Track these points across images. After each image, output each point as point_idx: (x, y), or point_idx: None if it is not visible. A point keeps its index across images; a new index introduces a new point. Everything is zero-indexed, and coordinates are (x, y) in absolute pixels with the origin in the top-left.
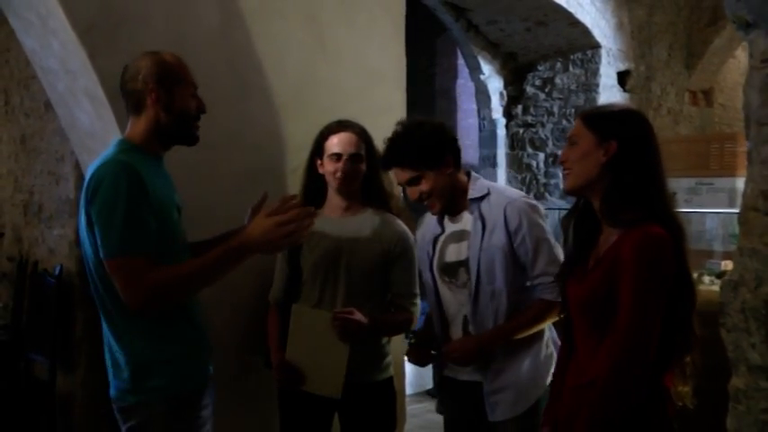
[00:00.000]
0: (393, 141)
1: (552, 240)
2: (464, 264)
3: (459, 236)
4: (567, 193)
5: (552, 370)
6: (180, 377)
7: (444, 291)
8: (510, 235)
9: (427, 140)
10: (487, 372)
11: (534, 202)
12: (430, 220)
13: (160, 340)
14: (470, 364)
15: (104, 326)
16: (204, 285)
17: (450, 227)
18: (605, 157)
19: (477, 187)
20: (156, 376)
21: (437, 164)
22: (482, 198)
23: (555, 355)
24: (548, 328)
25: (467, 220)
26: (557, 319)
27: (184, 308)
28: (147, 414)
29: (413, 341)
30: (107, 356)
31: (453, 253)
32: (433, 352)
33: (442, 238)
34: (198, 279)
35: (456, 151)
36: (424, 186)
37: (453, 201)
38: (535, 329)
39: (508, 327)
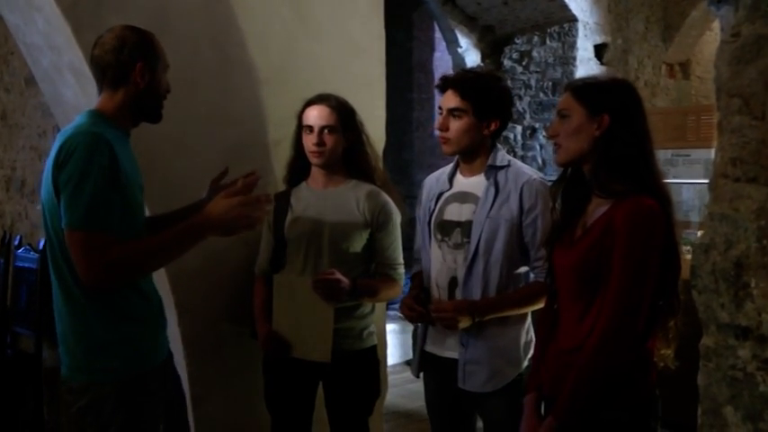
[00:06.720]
0: (468, 70)
1: None
2: (462, 225)
3: (464, 197)
4: (559, 165)
5: (531, 353)
6: (134, 358)
7: (435, 249)
8: (522, 212)
9: (494, 91)
10: (466, 343)
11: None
12: (439, 176)
13: (117, 320)
14: (458, 328)
15: (60, 301)
16: (163, 262)
17: (458, 186)
18: (598, 131)
19: (498, 157)
20: (109, 356)
21: (484, 115)
22: (501, 168)
23: (533, 341)
24: (529, 315)
25: (477, 184)
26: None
27: (141, 286)
28: (98, 393)
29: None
30: (59, 333)
31: (454, 212)
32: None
33: (446, 195)
34: (157, 256)
35: (503, 125)
36: (456, 124)
37: (470, 158)
38: (527, 309)
39: (502, 300)
